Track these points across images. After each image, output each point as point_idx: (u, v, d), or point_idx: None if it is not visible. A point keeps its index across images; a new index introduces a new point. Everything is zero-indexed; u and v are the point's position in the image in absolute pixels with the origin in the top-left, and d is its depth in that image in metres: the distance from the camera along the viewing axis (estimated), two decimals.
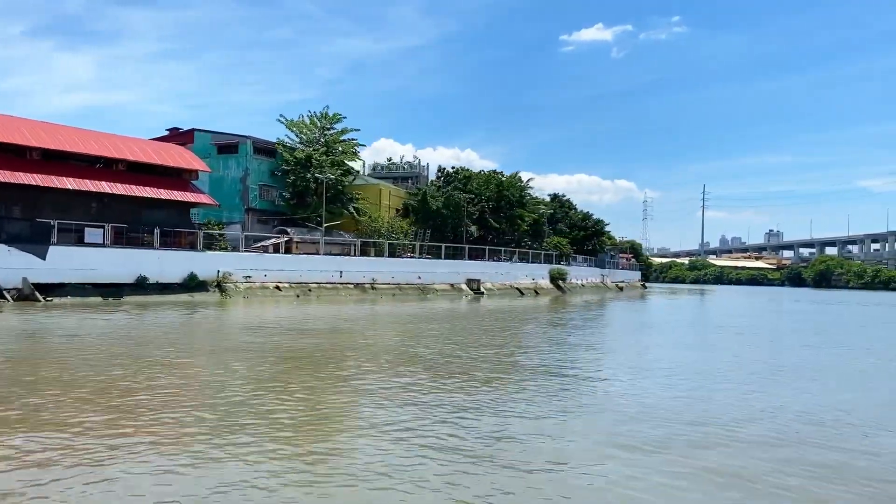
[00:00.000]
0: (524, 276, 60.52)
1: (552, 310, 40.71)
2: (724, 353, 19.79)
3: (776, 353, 20.41)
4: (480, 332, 23.92)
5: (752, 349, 20.92)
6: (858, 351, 21.44)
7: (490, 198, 63.17)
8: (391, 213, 56.18)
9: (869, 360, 18.78)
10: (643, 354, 18.87)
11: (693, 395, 12.20)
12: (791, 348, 22.14)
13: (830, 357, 19.45)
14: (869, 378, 15.56)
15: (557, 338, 22.56)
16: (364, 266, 46.60)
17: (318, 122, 52.33)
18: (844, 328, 33.85)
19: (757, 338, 25.89)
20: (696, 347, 21.58)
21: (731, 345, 22.40)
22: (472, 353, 17.09)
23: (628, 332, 27.52)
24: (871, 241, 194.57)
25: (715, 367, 16.38)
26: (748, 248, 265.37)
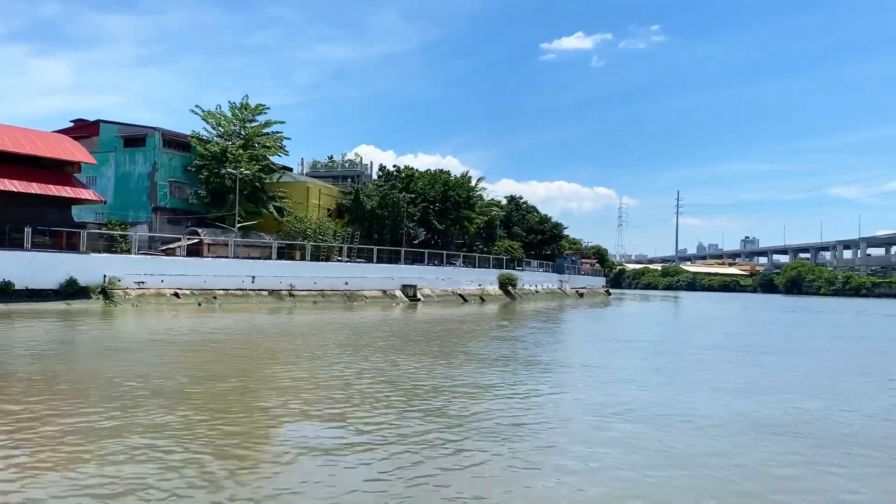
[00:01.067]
0: (469, 282, 56.36)
1: (486, 320, 36.52)
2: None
3: (666, 385, 16.34)
4: (369, 350, 19.63)
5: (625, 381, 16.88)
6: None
7: (435, 198, 58.97)
8: (321, 214, 51.70)
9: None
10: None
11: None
12: (685, 381, 18.12)
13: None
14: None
15: (445, 376, 18.34)
16: (280, 270, 42.14)
17: (239, 114, 47.78)
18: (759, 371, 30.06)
19: (643, 357, 21.86)
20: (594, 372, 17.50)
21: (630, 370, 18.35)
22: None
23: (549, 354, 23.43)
24: (843, 247, 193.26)
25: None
26: (722, 255, 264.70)
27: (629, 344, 24.52)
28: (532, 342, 23.85)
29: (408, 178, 59.36)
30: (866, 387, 15.22)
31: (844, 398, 13.54)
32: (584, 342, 26.13)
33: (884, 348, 25.57)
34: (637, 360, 19.27)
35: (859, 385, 15.51)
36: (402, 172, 59.69)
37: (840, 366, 19.11)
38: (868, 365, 19.33)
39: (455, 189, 59.41)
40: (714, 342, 26.42)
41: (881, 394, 14.43)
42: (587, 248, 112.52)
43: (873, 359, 21.17)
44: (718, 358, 20.38)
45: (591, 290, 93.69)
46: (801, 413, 11.76)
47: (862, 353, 23.33)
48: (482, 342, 22.89)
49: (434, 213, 59.32)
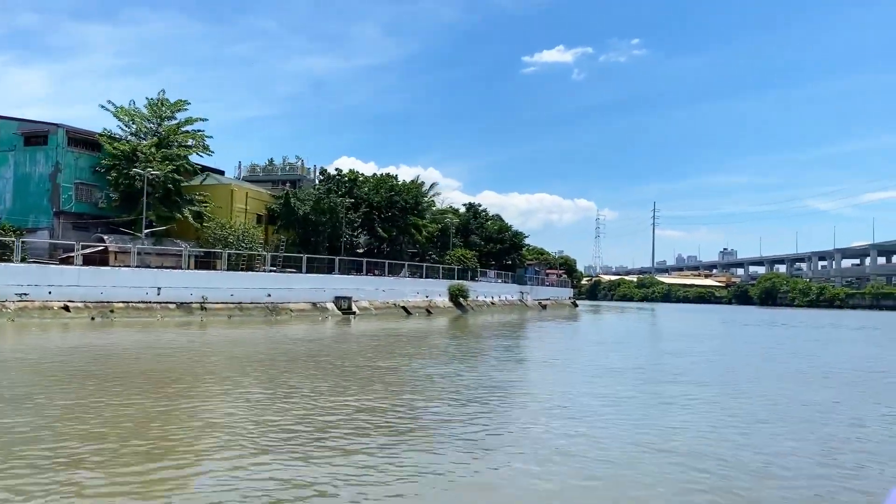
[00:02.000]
0: (414, 294, 52.50)
1: (418, 336, 32.69)
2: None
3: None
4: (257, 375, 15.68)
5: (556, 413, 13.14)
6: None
7: (380, 204, 55.21)
8: (248, 220, 47.67)
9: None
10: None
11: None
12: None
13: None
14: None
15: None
16: (191, 281, 38.05)
17: (156, 111, 43.76)
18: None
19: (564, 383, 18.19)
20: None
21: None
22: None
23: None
24: (818, 258, 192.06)
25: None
26: (699, 266, 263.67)
27: (535, 364, 20.82)
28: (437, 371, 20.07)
29: (351, 183, 55.56)
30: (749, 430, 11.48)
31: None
32: (490, 362, 22.44)
33: (815, 372, 21.99)
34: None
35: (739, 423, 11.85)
36: (345, 176, 55.86)
37: (747, 393, 15.40)
38: (777, 394, 15.49)
39: (401, 194, 55.64)
40: (627, 364, 22.80)
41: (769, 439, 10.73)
42: (555, 259, 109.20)
43: (794, 386, 17.34)
44: (598, 390, 16.70)
45: (556, 301, 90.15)
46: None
47: (786, 376, 19.58)
48: (390, 364, 19.07)
49: (379, 220, 55.54)
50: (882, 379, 19.92)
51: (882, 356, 28.82)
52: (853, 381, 18.36)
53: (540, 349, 28.30)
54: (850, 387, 17.22)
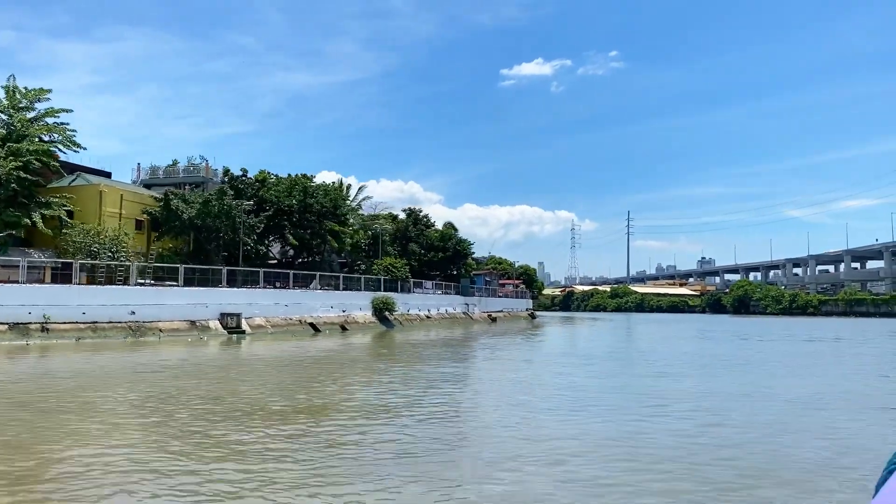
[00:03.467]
0: (327, 308, 46.28)
1: (310, 361, 26.55)
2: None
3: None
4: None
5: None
6: None
7: (292, 208, 49.09)
8: (125, 225, 41.29)
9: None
10: None
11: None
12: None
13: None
14: None
15: None
16: (30, 297, 31.68)
17: (8, 100, 37.41)
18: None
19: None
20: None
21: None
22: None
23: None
24: (792, 265, 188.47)
25: None
26: (675, 276, 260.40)
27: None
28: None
29: (258, 184, 49.43)
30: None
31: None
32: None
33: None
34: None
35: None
36: (253, 178, 49.72)
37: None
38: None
39: (316, 197, 49.53)
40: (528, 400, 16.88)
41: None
42: (513, 269, 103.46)
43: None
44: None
45: (510, 313, 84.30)
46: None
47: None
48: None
49: (290, 226, 49.39)
50: None
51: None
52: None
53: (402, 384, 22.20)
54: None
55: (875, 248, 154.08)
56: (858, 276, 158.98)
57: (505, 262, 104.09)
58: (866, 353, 33.97)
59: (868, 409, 15.32)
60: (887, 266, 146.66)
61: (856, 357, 31.62)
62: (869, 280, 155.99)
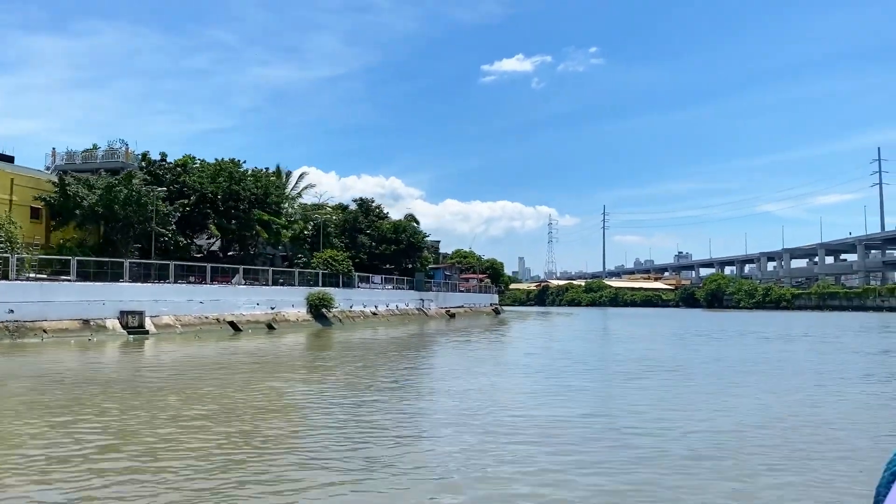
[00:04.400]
0: (252, 305, 42.03)
1: (205, 370, 22.36)
2: None
3: None
4: None
5: None
6: None
7: (216, 195, 44.76)
8: (17, 212, 36.73)
9: None
10: None
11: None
12: None
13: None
14: None
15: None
16: None
17: None
18: None
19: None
20: None
21: None
22: None
23: None
24: (767, 259, 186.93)
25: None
26: (650, 270, 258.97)
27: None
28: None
29: (180, 170, 45.06)
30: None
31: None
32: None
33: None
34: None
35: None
36: (174, 162, 45.33)
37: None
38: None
39: (243, 183, 45.21)
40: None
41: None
42: (479, 262, 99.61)
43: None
44: None
45: (472, 309, 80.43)
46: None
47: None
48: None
49: (216, 215, 45.08)
50: None
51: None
52: None
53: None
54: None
55: (849, 242, 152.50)
56: (832, 269, 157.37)
57: (471, 256, 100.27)
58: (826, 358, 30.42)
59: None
60: (860, 259, 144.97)
61: (815, 362, 28.02)
62: (843, 273, 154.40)
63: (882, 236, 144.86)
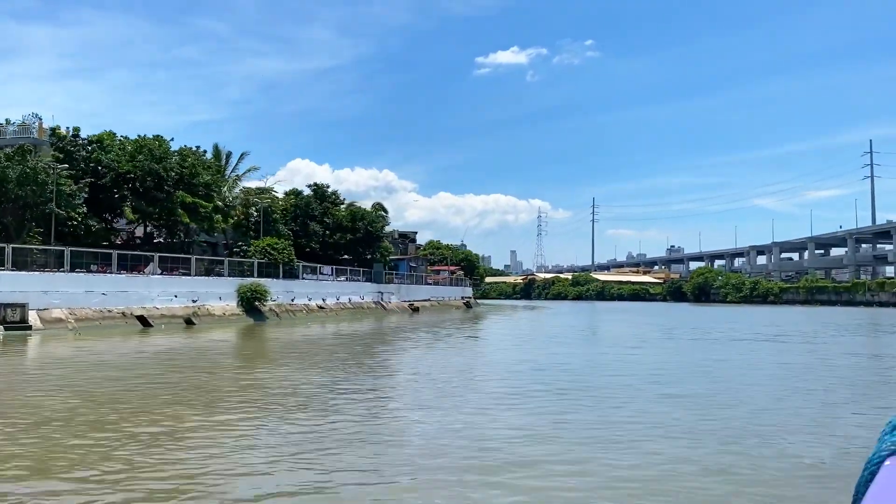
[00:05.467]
0: (167, 297, 37.53)
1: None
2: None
3: None
4: None
5: None
6: None
7: (133, 175, 40.25)
8: None
9: None
10: None
11: None
12: None
13: None
14: None
15: None
16: None
17: None
18: None
19: None
20: None
21: None
22: None
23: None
24: (756, 252, 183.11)
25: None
26: (640, 263, 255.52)
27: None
28: None
29: (96, 146, 40.53)
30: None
31: None
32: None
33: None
34: None
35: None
36: (88, 139, 40.78)
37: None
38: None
39: (164, 162, 40.66)
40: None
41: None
42: (452, 253, 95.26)
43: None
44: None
45: (440, 302, 76.11)
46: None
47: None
48: None
49: (134, 197, 40.58)
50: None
51: None
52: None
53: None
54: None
55: (839, 236, 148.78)
56: (822, 263, 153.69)
57: (444, 248, 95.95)
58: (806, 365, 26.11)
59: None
60: (850, 253, 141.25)
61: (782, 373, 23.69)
62: (832, 267, 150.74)
63: (872, 230, 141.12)
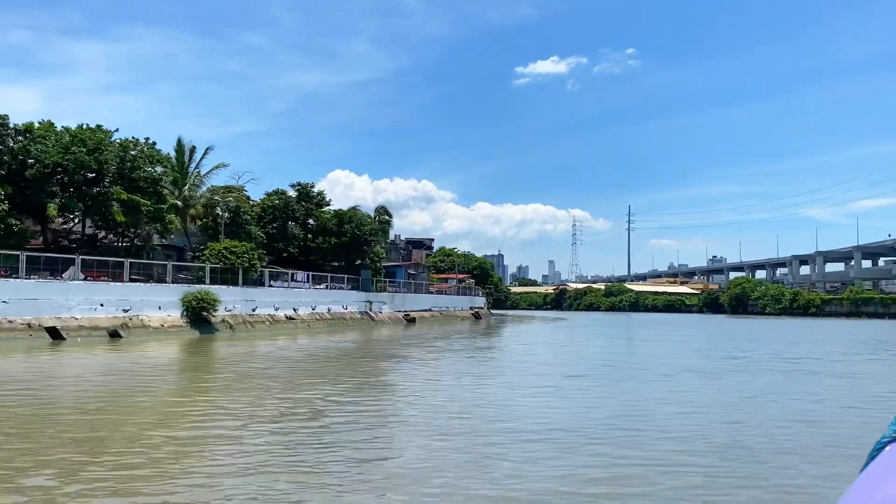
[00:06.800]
0: (90, 306, 32.87)
1: None
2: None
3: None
4: None
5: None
6: None
7: (64, 166, 35.87)
8: None
9: None
10: None
11: None
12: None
13: None
14: None
15: None
16: None
17: None
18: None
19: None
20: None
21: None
22: None
23: None
24: (799, 262, 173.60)
25: None
26: (678, 273, 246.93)
27: None
28: None
29: (24, 137, 36.30)
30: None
31: None
32: None
33: None
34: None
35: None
36: (14, 128, 36.56)
37: None
38: None
39: (98, 154, 36.15)
40: None
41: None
42: (463, 261, 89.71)
43: None
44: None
45: (443, 313, 70.66)
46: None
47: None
48: None
49: (62, 193, 36.18)
50: None
51: None
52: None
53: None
54: None
55: (888, 244, 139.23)
56: (870, 273, 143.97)
57: (455, 254, 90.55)
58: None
59: None
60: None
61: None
62: (881, 278, 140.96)
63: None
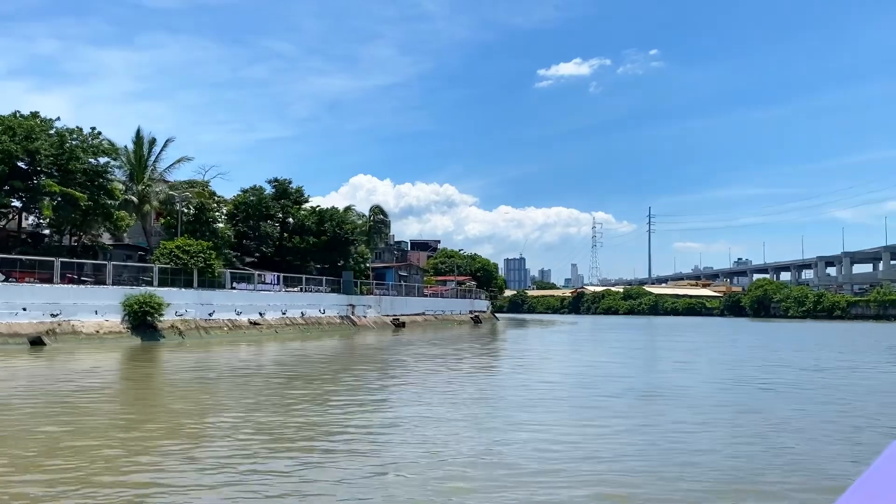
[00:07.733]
0: (11, 311, 29.56)
1: None
2: None
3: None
4: None
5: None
6: None
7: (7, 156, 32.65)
8: None
9: None
10: None
11: None
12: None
13: None
14: None
15: None
16: None
17: None
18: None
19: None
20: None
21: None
22: None
23: None
24: (825, 263, 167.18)
25: None
26: (700, 276, 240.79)
27: None
28: None
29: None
30: None
31: None
32: None
33: None
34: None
35: None
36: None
37: None
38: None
39: (26, 143, 32.84)
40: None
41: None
42: (474, 263, 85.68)
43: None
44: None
45: (438, 317, 66.74)
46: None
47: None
48: None
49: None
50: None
51: None
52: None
53: None
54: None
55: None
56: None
57: (457, 256, 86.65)
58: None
59: None
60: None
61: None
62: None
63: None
